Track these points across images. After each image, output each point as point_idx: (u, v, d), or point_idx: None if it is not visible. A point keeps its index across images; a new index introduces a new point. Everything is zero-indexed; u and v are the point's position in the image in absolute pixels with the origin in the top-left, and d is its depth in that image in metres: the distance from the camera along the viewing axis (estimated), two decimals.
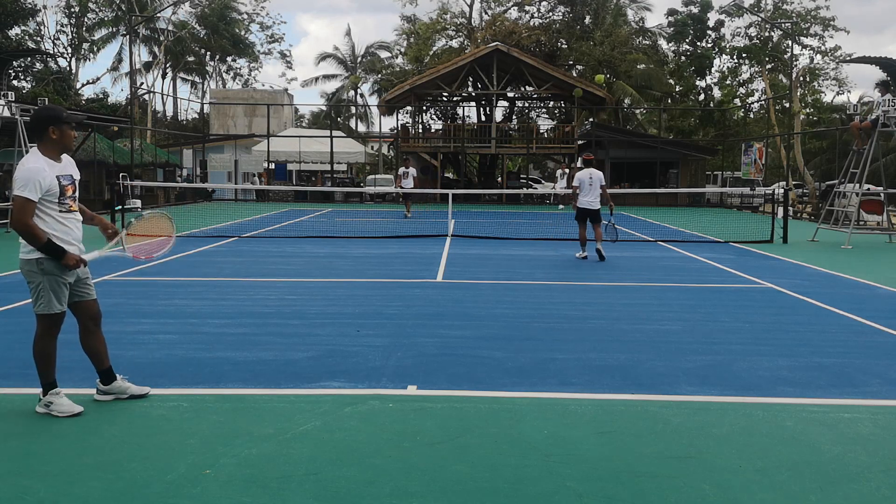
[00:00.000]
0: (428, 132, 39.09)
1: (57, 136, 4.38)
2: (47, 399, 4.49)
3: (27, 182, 4.24)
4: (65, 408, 4.46)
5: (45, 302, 4.40)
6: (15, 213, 4.25)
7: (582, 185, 12.48)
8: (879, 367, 5.88)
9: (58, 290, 4.41)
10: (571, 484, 3.62)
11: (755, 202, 32.77)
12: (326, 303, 8.51)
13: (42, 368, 4.48)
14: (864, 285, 10.25)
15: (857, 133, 16.98)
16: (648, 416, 4.65)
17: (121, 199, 18.25)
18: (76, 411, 4.47)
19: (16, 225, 4.28)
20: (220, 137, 41.46)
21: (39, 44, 43.22)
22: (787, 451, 4.08)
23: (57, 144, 4.41)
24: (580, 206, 12.55)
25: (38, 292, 4.40)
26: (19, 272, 4.53)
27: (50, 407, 4.47)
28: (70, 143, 4.45)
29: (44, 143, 4.40)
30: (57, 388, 4.51)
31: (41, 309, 4.42)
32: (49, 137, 4.38)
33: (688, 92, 42.95)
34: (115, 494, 3.44)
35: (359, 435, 4.24)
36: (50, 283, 4.38)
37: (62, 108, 4.59)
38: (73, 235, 4.46)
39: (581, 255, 12.61)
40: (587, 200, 12.44)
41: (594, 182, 12.42)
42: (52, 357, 4.49)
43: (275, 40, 56.87)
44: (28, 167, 4.29)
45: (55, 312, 4.43)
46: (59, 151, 4.45)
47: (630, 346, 6.50)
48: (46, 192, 4.30)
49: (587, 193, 12.44)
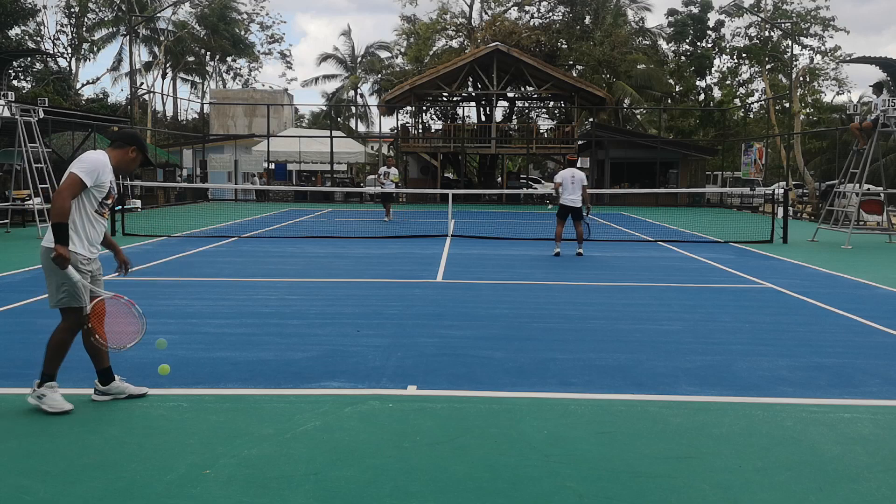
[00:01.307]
0: (428, 132, 39.09)
1: (133, 156, 4.71)
2: (41, 391, 4.51)
3: (92, 168, 4.48)
4: (56, 403, 4.49)
5: (68, 294, 4.45)
6: (63, 186, 4.40)
7: (564, 182, 12.95)
8: (879, 367, 5.88)
9: (83, 285, 4.46)
10: (571, 484, 3.62)
11: (755, 202, 32.79)
12: (326, 303, 8.51)
13: (51, 357, 4.52)
14: (864, 285, 10.25)
15: (857, 133, 16.99)
16: (648, 416, 4.65)
17: (121, 199, 18.27)
18: (66, 409, 4.49)
19: (57, 197, 4.39)
20: (220, 137, 41.45)
21: (39, 44, 43.28)
22: (787, 451, 4.08)
23: (124, 161, 4.71)
24: (561, 202, 13.05)
25: (59, 285, 4.45)
26: (19, 272, 4.53)
27: (42, 399, 4.49)
28: (130, 169, 4.78)
29: (117, 151, 4.69)
30: (55, 382, 4.54)
31: (63, 302, 4.47)
32: (126, 153, 4.71)
33: (688, 92, 42.98)
34: (115, 494, 3.44)
35: (359, 435, 4.24)
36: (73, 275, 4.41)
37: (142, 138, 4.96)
38: (95, 238, 4.62)
39: (555, 252, 13.00)
40: (568, 198, 12.90)
41: (576, 181, 12.90)
42: (65, 351, 4.55)
43: (275, 40, 56.94)
44: (97, 157, 4.56)
45: (77, 306, 4.47)
46: (119, 166, 4.71)
47: (630, 346, 6.50)
48: (98, 186, 4.52)
49: (568, 191, 12.89)
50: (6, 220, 17.34)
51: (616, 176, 35.64)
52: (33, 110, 17.06)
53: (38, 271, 10.31)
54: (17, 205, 17.73)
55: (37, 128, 16.91)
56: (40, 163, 16.55)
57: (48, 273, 4.49)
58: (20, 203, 17.89)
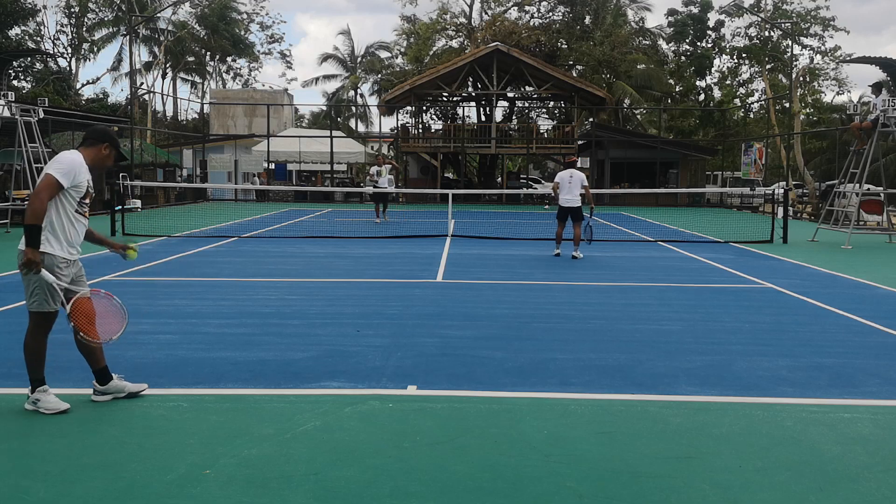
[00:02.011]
0: (428, 132, 39.09)
1: (106, 153, 4.71)
2: (35, 396, 4.53)
3: (68, 169, 4.47)
4: (51, 405, 4.50)
5: (39, 300, 4.47)
6: (40, 187, 4.40)
7: (562, 183, 12.85)
8: (879, 367, 5.88)
9: (54, 289, 4.46)
10: (571, 484, 3.62)
11: (755, 202, 32.79)
12: (326, 303, 8.51)
13: (31, 364, 4.53)
14: (864, 285, 10.25)
15: (857, 133, 16.99)
16: (648, 416, 4.65)
17: (121, 199, 18.27)
18: (62, 408, 4.50)
19: (34, 198, 4.39)
20: (220, 137, 41.44)
21: (39, 44, 43.28)
22: (787, 451, 4.08)
23: (99, 159, 4.71)
24: (559, 203, 12.97)
25: (32, 289, 4.48)
26: (19, 273, 4.53)
27: (37, 404, 4.52)
28: (105, 165, 4.77)
29: (89, 150, 4.67)
30: (45, 385, 4.55)
31: (34, 307, 4.49)
32: (99, 150, 4.69)
33: (688, 92, 42.98)
34: (115, 494, 3.44)
35: (359, 435, 4.24)
36: (48, 278, 4.42)
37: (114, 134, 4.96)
38: (75, 238, 4.61)
39: (555, 253, 13.00)
40: (565, 199, 12.80)
41: (574, 181, 12.78)
42: (41, 354, 4.55)
43: (275, 40, 56.94)
44: (72, 158, 4.55)
45: (48, 311, 4.49)
46: (94, 164, 4.70)
47: (630, 346, 6.50)
48: (76, 186, 4.51)
49: (566, 192, 12.80)
50: (6, 220, 17.34)
51: (616, 176, 35.63)
52: (33, 110, 17.07)
53: None
54: (18, 205, 17.72)
55: (37, 128, 16.92)
56: (40, 163, 16.56)
57: (23, 277, 4.50)
58: (20, 203, 17.89)
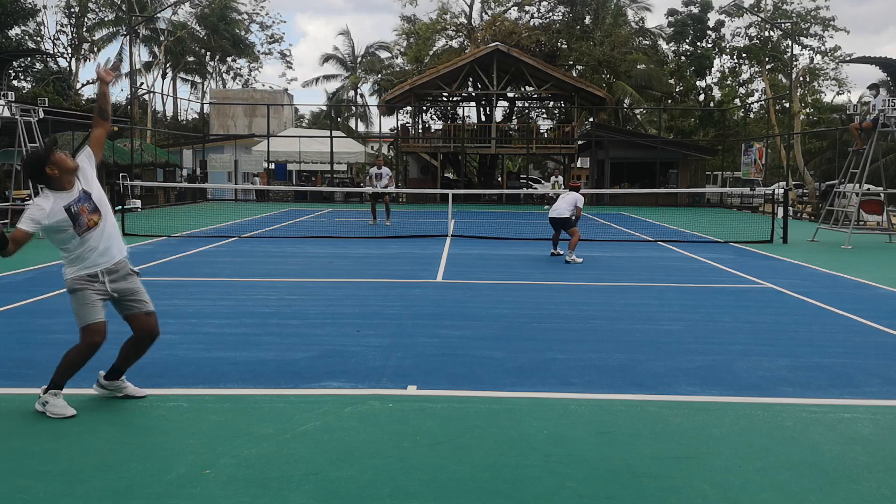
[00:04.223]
0: (428, 132, 39.08)
1: (55, 170, 4.47)
2: (46, 397, 4.55)
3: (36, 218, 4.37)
4: (58, 409, 4.53)
5: (80, 316, 4.56)
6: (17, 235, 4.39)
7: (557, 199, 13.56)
8: (879, 367, 5.88)
9: (86, 304, 4.52)
10: (571, 484, 3.62)
11: (755, 202, 32.78)
12: (326, 303, 8.51)
13: (62, 370, 4.57)
14: (864, 285, 10.25)
15: (856, 133, 16.99)
16: (648, 416, 4.65)
17: (121, 199, 18.28)
18: (68, 414, 4.52)
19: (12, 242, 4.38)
20: (220, 137, 41.43)
21: (39, 44, 43.24)
22: (787, 451, 4.08)
23: (59, 180, 4.49)
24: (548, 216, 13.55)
25: (72, 307, 4.59)
26: (19, 272, 4.56)
27: (46, 406, 4.54)
28: (68, 165, 4.50)
29: (49, 182, 4.49)
30: (60, 390, 4.58)
31: (79, 322, 4.57)
32: (52, 175, 4.47)
33: (688, 92, 42.98)
34: (115, 494, 3.44)
35: (359, 435, 4.24)
36: (77, 298, 4.54)
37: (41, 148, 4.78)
38: (96, 253, 4.54)
39: (552, 253, 13.32)
40: (553, 211, 13.16)
41: (566, 199, 13.17)
42: (76, 366, 4.59)
43: (275, 40, 56.89)
44: (40, 205, 4.42)
45: (89, 323, 4.52)
46: (64, 180, 4.51)
47: (630, 346, 6.50)
48: (55, 226, 4.43)
49: (555, 205, 13.31)
50: (6, 220, 17.33)
51: (616, 176, 35.62)
52: (33, 110, 17.06)
53: (38, 271, 10.30)
54: (17, 205, 17.72)
55: (37, 128, 16.92)
56: None
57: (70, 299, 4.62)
58: (20, 203, 17.89)
